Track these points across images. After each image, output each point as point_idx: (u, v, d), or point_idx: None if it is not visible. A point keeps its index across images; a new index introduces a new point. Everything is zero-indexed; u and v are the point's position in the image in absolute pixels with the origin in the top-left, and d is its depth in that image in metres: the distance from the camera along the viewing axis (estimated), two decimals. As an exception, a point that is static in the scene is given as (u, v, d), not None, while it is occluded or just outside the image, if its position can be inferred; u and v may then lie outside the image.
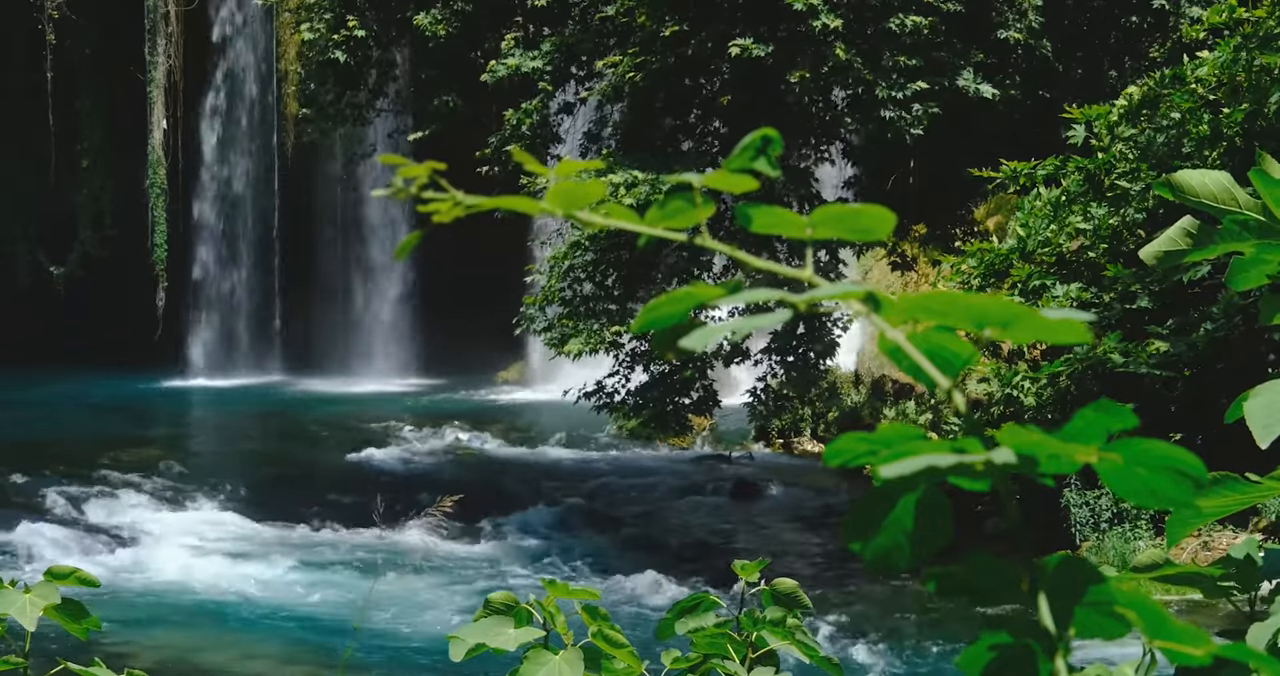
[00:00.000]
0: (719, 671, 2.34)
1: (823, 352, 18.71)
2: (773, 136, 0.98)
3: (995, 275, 15.20)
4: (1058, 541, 14.29)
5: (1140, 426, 0.89)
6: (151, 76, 35.82)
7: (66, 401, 29.96)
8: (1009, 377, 14.78)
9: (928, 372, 0.91)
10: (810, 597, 2.48)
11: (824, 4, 16.61)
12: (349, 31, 19.84)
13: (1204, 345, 14.26)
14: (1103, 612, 0.89)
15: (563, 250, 18.11)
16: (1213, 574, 1.60)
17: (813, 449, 24.63)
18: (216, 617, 15.27)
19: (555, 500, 20.63)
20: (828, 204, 0.97)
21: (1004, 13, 17.41)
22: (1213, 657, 0.90)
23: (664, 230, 0.99)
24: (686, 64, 17.95)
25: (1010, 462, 0.86)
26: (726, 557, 4.92)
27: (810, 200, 18.51)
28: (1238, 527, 14.43)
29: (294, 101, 34.18)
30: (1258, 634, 1.41)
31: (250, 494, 20.93)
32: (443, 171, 1.00)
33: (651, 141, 18.75)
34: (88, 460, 21.98)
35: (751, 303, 0.92)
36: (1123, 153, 14.85)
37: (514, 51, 18.43)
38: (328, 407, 30.67)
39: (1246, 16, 14.39)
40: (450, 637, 2.29)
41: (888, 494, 0.90)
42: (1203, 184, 1.67)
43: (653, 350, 12.02)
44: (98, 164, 37.19)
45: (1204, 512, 1.50)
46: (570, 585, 2.36)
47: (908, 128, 16.87)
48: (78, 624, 2.48)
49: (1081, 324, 0.88)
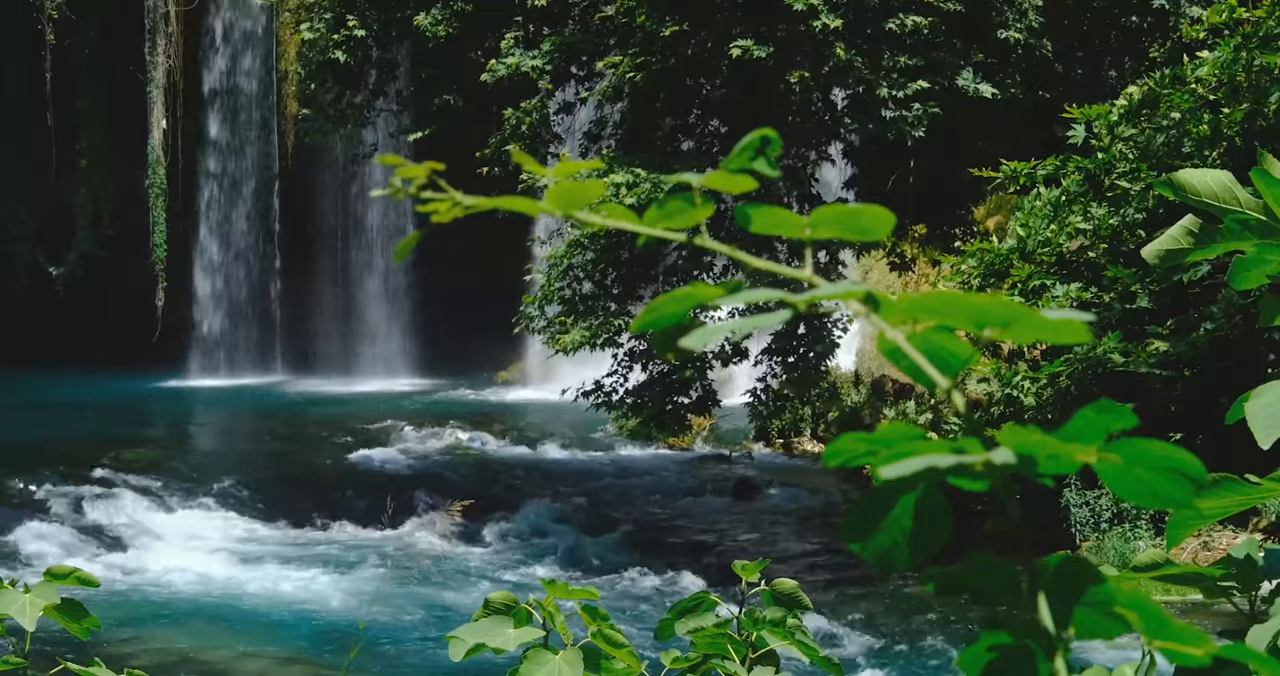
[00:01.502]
0: (719, 671, 2.34)
1: (823, 353, 18.70)
2: (771, 137, 0.98)
3: (995, 275, 15.20)
4: (1058, 541, 14.29)
5: (1140, 426, 0.89)
6: (151, 76, 35.81)
7: (66, 401, 29.95)
8: (1009, 377, 14.78)
9: (927, 373, 0.91)
10: (810, 597, 2.48)
11: (824, 4, 16.61)
12: (349, 31, 19.84)
13: (1204, 345, 14.25)
14: (1102, 613, 0.89)
15: (562, 249, 18.11)
16: (1213, 574, 1.60)
17: (813, 449, 24.64)
18: (217, 617, 15.26)
19: (555, 500, 20.63)
20: (827, 204, 0.97)
21: (1004, 13, 17.40)
22: (1212, 658, 0.90)
23: (663, 230, 0.98)
24: (686, 64, 17.95)
25: (1010, 463, 0.86)
26: (726, 557, 4.93)
27: (810, 200, 18.51)
28: (1238, 528, 14.44)
29: (294, 101, 34.20)
30: (1258, 634, 1.41)
31: (250, 494, 20.93)
32: (442, 172, 1.00)
33: (651, 141, 18.75)
34: (88, 460, 21.96)
35: (751, 303, 0.92)
36: (1123, 153, 14.85)
37: (514, 51, 18.43)
38: (328, 408, 30.68)
39: (1246, 16, 14.39)
40: (450, 637, 2.29)
41: (887, 494, 0.90)
42: (1204, 183, 1.67)
43: (652, 349, 12.05)
44: (98, 164, 37.18)
45: (1204, 514, 1.50)
46: (570, 585, 2.36)
47: (908, 128, 16.87)
48: (78, 624, 2.48)
49: (1081, 324, 0.88)
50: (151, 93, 35.87)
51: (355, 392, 33.69)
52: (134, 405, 30.63)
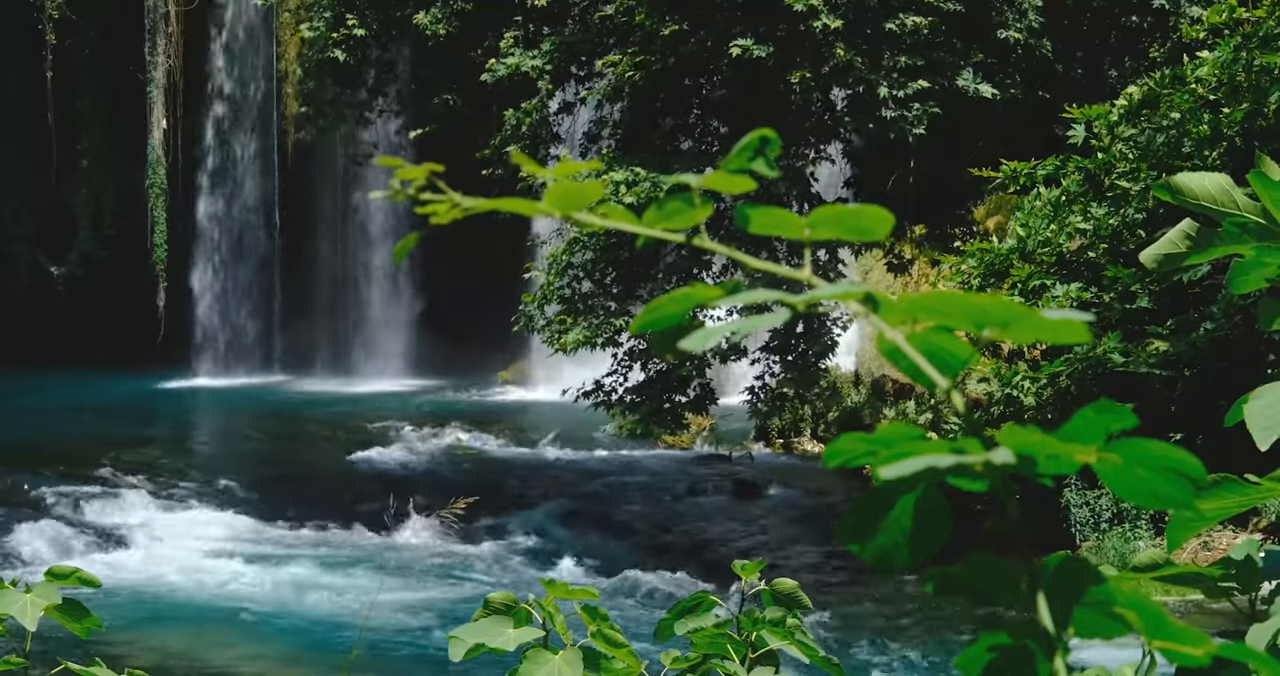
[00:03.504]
0: (719, 671, 2.34)
1: (821, 352, 18.70)
2: (770, 137, 0.98)
3: (995, 275, 15.20)
4: (1058, 541, 14.29)
5: (1140, 426, 0.89)
6: (151, 76, 35.82)
7: (67, 401, 29.94)
8: (1009, 377, 14.78)
9: (927, 373, 0.90)
10: (810, 597, 2.48)
11: (824, 4, 16.61)
12: (348, 30, 19.84)
13: (1204, 345, 14.25)
14: (1102, 613, 0.89)
15: (562, 248, 18.11)
16: (1213, 574, 1.60)
17: (813, 449, 24.63)
18: (217, 617, 15.26)
19: (555, 500, 20.62)
20: (827, 204, 0.97)
21: (1004, 13, 17.40)
22: (1212, 658, 0.90)
23: (662, 231, 0.98)
24: (686, 63, 17.95)
25: (1009, 463, 0.86)
26: (726, 557, 4.92)
27: (810, 200, 18.51)
28: (1238, 528, 14.43)
29: (294, 101, 34.21)
30: (1257, 634, 1.41)
31: (251, 494, 20.92)
32: (442, 173, 1.00)
33: (651, 141, 18.74)
34: (88, 460, 21.96)
35: (750, 303, 0.92)
36: (1123, 153, 14.84)
37: (514, 51, 18.42)
38: (328, 408, 30.67)
39: (1246, 16, 14.38)
40: (450, 637, 2.29)
41: (887, 494, 0.90)
42: (1202, 186, 1.67)
43: (651, 349, 12.01)
44: (98, 164, 37.18)
45: (1204, 514, 1.50)
46: (570, 585, 2.36)
47: (908, 127, 16.86)
48: (78, 624, 2.48)
49: (1081, 324, 0.88)
50: (151, 93, 35.87)
51: (355, 393, 33.68)
52: (134, 405, 30.63)
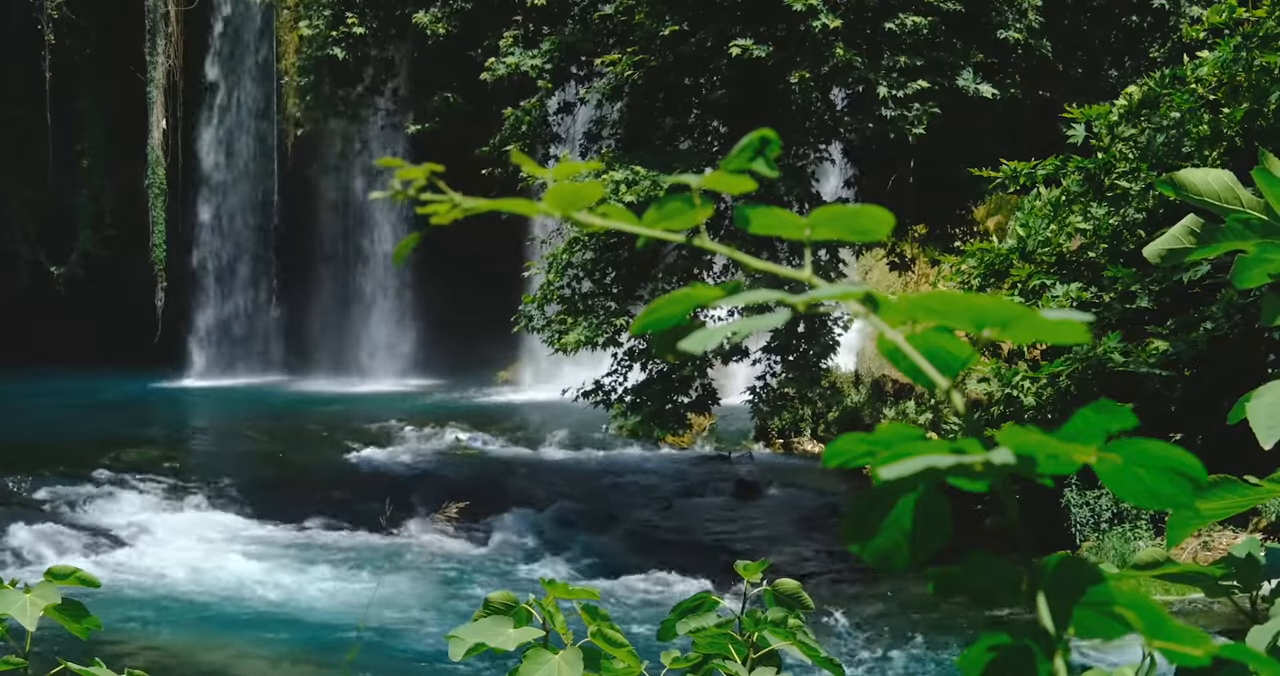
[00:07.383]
0: (720, 671, 2.34)
1: (822, 352, 18.70)
2: (770, 137, 0.98)
3: (995, 275, 15.20)
4: (1058, 541, 14.29)
5: (1140, 426, 0.89)
6: (151, 76, 35.81)
7: (66, 401, 29.95)
8: (1009, 377, 14.78)
9: (927, 373, 0.90)
10: (811, 597, 2.48)
11: (824, 4, 16.60)
12: (347, 28, 19.84)
13: (1204, 345, 14.25)
14: (1102, 613, 0.89)
15: (561, 248, 18.10)
16: (1213, 573, 1.60)
17: (813, 449, 24.63)
18: (217, 617, 15.26)
19: (556, 500, 20.62)
20: (827, 204, 0.97)
21: (1004, 13, 17.40)
22: (1212, 658, 0.90)
23: (662, 231, 0.98)
24: (686, 63, 17.95)
25: (1009, 463, 0.86)
26: (727, 558, 4.92)
27: (810, 200, 18.50)
28: (1238, 527, 14.43)
29: (293, 100, 34.19)
30: (1258, 635, 1.41)
31: (250, 494, 20.93)
32: (442, 173, 0.99)
33: (651, 140, 18.74)
34: (88, 460, 21.96)
35: (751, 303, 0.92)
36: (1123, 152, 14.84)
37: (513, 50, 18.42)
38: (328, 407, 30.67)
39: (1246, 16, 14.38)
40: (450, 637, 2.29)
41: (887, 494, 0.90)
42: (1205, 182, 1.67)
43: (652, 349, 12.04)
44: (98, 164, 37.18)
45: (1204, 515, 1.50)
46: (570, 585, 2.36)
47: (908, 127, 16.86)
48: (78, 624, 2.48)
49: (1081, 324, 0.88)
50: (151, 93, 35.86)
51: (355, 393, 33.68)
52: (134, 405, 30.63)
